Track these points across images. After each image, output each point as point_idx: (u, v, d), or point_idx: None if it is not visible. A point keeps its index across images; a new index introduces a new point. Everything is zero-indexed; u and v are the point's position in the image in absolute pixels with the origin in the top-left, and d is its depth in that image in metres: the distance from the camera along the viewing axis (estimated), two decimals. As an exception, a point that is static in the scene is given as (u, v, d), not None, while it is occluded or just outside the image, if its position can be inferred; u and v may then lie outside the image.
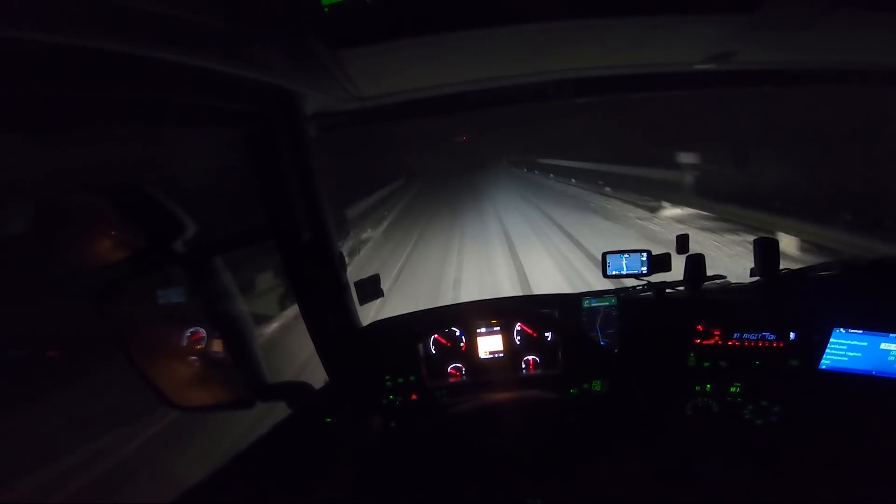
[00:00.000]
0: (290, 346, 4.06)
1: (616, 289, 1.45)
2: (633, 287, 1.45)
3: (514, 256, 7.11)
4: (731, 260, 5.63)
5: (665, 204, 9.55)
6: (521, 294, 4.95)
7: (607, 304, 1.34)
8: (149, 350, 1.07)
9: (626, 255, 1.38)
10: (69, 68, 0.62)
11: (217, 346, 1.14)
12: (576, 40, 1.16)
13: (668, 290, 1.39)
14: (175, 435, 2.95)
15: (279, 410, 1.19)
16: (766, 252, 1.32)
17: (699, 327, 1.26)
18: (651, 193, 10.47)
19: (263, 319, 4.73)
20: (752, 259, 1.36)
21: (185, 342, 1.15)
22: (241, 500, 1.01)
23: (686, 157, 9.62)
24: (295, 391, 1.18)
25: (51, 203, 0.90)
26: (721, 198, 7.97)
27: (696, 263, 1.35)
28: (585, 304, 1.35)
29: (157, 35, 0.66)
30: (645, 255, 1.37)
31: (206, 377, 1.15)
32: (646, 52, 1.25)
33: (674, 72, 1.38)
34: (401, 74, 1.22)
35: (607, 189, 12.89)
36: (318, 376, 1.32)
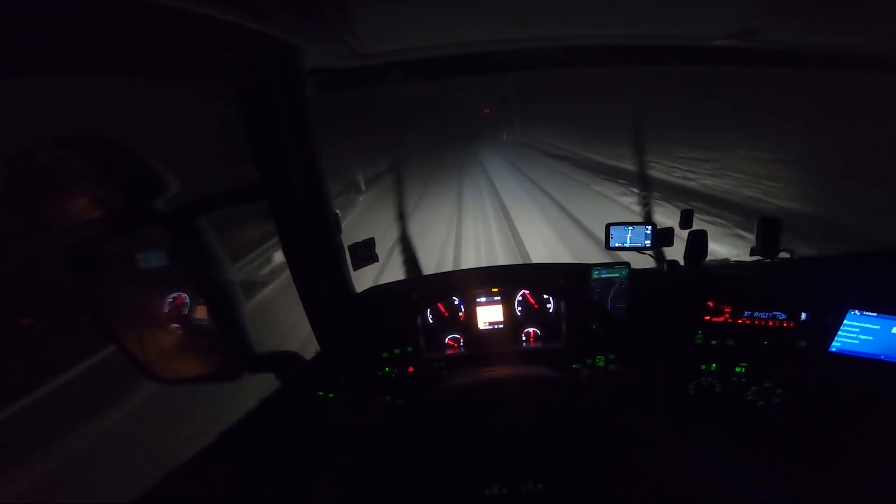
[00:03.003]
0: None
1: (624, 261, 1.36)
2: None
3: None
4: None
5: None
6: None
7: (618, 275, 1.26)
8: (127, 318, 1.00)
9: (631, 228, 1.31)
10: (56, 10, 0.54)
11: (201, 313, 1.06)
12: (597, 5, 1.09)
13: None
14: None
15: (265, 382, 1.13)
16: (767, 232, 1.28)
17: (710, 304, 1.20)
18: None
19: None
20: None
21: (166, 309, 1.07)
22: (231, 479, 0.96)
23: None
24: (284, 362, 1.09)
25: (21, 158, 0.81)
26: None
27: (698, 239, 1.29)
28: (595, 274, 1.26)
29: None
30: (649, 228, 1.31)
31: (189, 347, 1.07)
32: (669, 22, 1.17)
33: (693, 45, 1.32)
34: (409, 31, 1.11)
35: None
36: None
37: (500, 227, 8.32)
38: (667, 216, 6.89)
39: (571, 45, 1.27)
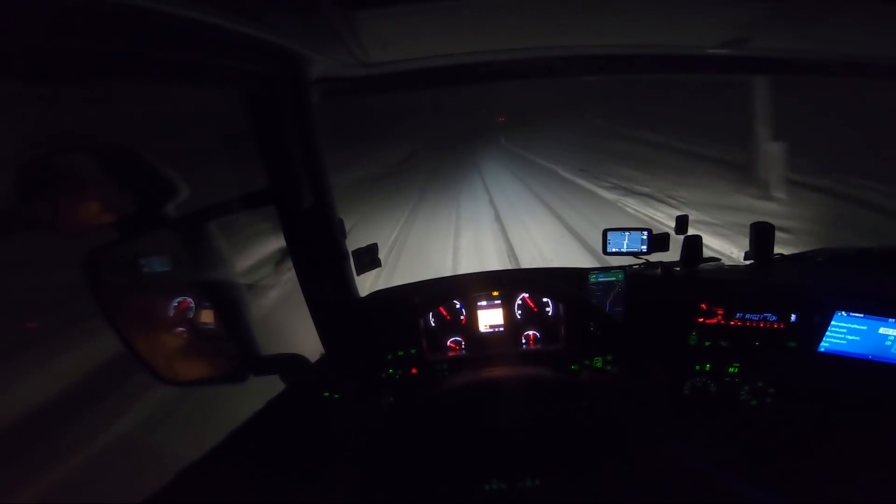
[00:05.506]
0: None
1: (620, 265, 1.40)
2: (632, 265, 1.41)
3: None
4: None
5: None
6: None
7: (614, 279, 1.28)
8: (137, 321, 1.01)
9: (628, 234, 1.33)
10: (64, 18, 0.56)
11: (207, 316, 1.08)
12: (594, 16, 1.12)
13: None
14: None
15: (271, 385, 1.15)
16: (761, 236, 1.30)
17: (703, 306, 1.22)
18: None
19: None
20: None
21: (173, 312, 1.09)
22: (239, 479, 0.98)
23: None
24: (290, 364, 1.11)
25: (34, 163, 0.83)
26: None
27: (693, 244, 1.32)
28: (592, 278, 1.29)
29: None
30: (646, 234, 1.33)
31: (196, 350, 1.09)
32: (663, 33, 1.21)
33: (686, 55, 1.35)
34: (412, 42, 1.14)
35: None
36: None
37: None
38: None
39: (571, 54, 1.31)
